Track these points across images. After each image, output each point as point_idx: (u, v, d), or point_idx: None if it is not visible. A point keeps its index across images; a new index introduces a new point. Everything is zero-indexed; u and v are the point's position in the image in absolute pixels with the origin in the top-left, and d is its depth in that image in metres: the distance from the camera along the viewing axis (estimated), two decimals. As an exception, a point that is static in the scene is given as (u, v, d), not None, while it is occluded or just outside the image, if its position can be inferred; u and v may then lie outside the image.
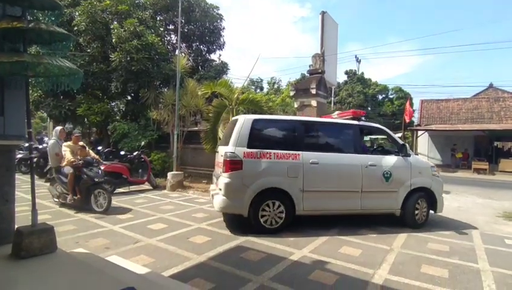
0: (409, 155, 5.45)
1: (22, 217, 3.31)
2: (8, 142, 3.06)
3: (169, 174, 9.04)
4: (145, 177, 8.97)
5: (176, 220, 5.63)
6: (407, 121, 20.01)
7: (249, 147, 4.76)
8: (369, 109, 34.74)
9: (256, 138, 4.87)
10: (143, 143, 10.48)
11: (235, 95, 8.37)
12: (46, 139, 16.90)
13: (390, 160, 5.33)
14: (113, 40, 11.00)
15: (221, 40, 14.45)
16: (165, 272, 3.35)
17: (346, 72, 36.39)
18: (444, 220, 6.11)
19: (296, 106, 8.58)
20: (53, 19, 3.25)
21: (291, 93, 8.85)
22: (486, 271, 3.67)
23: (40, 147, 11.41)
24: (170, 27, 13.90)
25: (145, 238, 4.55)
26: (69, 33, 2.93)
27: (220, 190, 4.78)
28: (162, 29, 13.34)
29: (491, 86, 25.57)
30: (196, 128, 12.24)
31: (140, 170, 9.11)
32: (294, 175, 4.83)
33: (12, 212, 3.14)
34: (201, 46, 14.22)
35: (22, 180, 8.70)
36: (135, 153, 9.23)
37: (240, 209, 4.74)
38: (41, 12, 3.09)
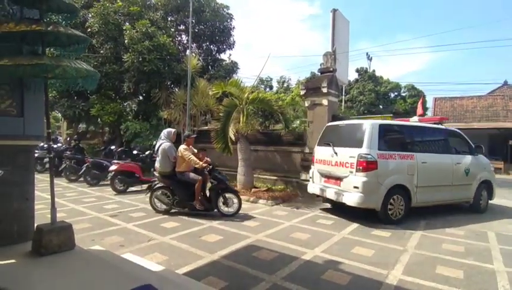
0: (478, 154, 6.64)
1: (39, 215, 3.40)
2: (28, 142, 3.15)
3: (180, 173, 9.11)
4: (157, 176, 9.07)
5: (188, 219, 5.69)
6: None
7: (378, 149, 5.45)
8: (381, 107, 34.24)
9: (382, 141, 5.57)
10: (155, 142, 10.60)
11: (246, 95, 8.37)
12: (60, 138, 17.33)
13: (468, 158, 6.43)
14: (126, 41, 11.17)
15: (231, 39, 14.49)
16: (178, 269, 3.39)
17: (357, 70, 35.89)
18: (461, 218, 5.99)
19: (306, 104, 8.52)
20: (68, 21, 3.35)
21: (302, 92, 8.79)
22: (501, 272, 3.60)
23: (55, 146, 11.68)
24: (181, 27, 14.01)
25: (159, 237, 4.62)
26: (85, 35, 2.99)
27: (355, 187, 5.40)
28: (173, 29, 13.46)
29: (505, 83, 24.84)
30: (206, 127, 12.33)
31: (152, 169, 9.22)
32: (411, 173, 5.67)
33: (32, 210, 3.23)
34: (211, 46, 14.28)
35: (37, 179, 8.94)
36: (147, 152, 9.35)
37: (375, 204, 5.40)
38: (56, 15, 3.18)
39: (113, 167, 8.29)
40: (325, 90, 7.88)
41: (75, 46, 3.16)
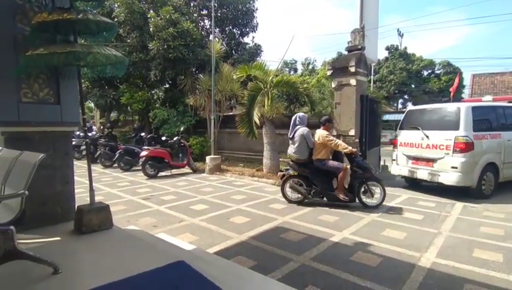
0: None
1: (78, 198, 3.63)
2: (65, 128, 3.34)
3: (207, 158, 9.33)
4: (185, 161, 9.35)
5: (216, 202, 5.83)
6: (451, 97, 18.43)
7: (473, 130, 5.84)
8: (413, 86, 32.50)
9: (475, 123, 5.94)
10: (182, 128, 10.87)
11: (270, 78, 8.25)
12: (94, 127, 18.24)
13: None
14: (151, 29, 11.33)
15: (254, 21, 14.20)
16: (209, 249, 3.52)
17: (387, 48, 34.05)
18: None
19: (333, 85, 8.25)
20: (94, 10, 3.43)
21: (328, 73, 8.49)
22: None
23: (89, 134, 12.33)
24: (203, 12, 13.93)
25: (189, 218, 4.80)
26: (112, 22, 3.05)
27: (453, 168, 5.84)
28: (195, 15, 13.43)
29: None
30: (232, 112, 12.38)
31: (180, 155, 9.50)
32: (499, 151, 6.17)
33: (72, 192, 3.46)
34: (234, 30, 14.11)
35: (75, 166, 9.53)
36: (175, 138, 9.61)
37: (471, 182, 5.84)
38: (84, 2, 3.26)
39: (143, 153, 8.63)
40: (353, 69, 7.56)
41: (104, 34, 3.25)
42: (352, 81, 7.67)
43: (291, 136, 5.65)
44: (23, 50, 2.81)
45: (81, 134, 12.00)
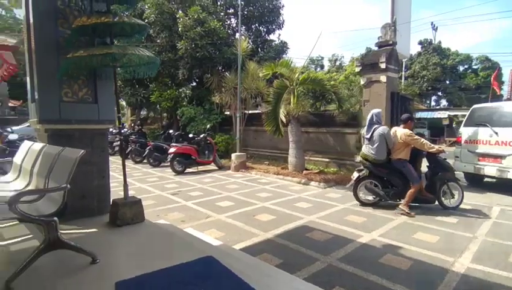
0: None
1: (112, 192, 3.82)
2: (102, 126, 3.53)
3: (233, 156, 9.44)
4: (211, 158, 9.53)
5: (242, 199, 5.90)
6: (491, 93, 17.21)
7: None
8: (448, 82, 30.81)
9: None
10: (208, 126, 11.08)
11: (296, 75, 8.18)
12: (125, 124, 19.05)
13: None
14: (179, 29, 11.61)
15: (281, 18, 14.10)
16: (235, 245, 3.57)
17: (420, 42, 32.48)
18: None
19: (362, 82, 8.02)
20: (127, 12, 3.58)
21: (357, 69, 8.26)
22: None
23: (122, 132, 12.88)
24: (230, 11, 14.05)
25: (215, 214, 4.89)
26: (145, 23, 3.17)
27: None
28: (222, 14, 13.58)
29: None
30: (257, 110, 12.42)
31: (206, 152, 9.69)
32: None
33: (108, 187, 3.65)
34: (260, 27, 14.10)
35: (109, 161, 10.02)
36: (202, 136, 9.82)
37: None
38: (119, 6, 3.42)
39: (172, 150, 8.90)
40: (383, 65, 7.31)
41: (136, 35, 3.39)
42: (383, 78, 7.42)
43: (368, 136, 5.30)
44: (64, 53, 3.01)
45: (114, 131, 12.57)
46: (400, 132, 5.12)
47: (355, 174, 5.47)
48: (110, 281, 2.04)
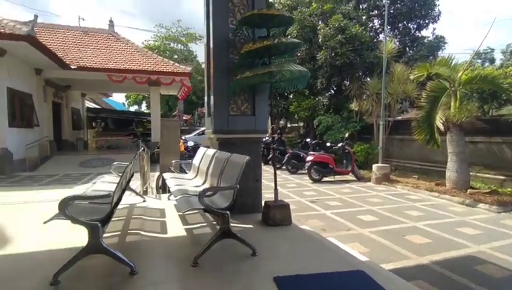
0: None
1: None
2: (258, 135, 4.03)
3: (374, 167, 8.79)
4: (350, 168, 9.19)
5: (386, 215, 5.41)
6: None
7: None
8: None
9: None
10: (346, 135, 10.77)
11: (459, 74, 6.85)
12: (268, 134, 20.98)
13: None
14: (319, 40, 11.91)
15: (436, 10, 12.24)
16: (382, 264, 3.30)
17: None
18: None
19: None
20: (281, 32, 3.94)
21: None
22: None
23: (263, 140, 14.28)
24: (373, 12, 13.32)
25: (357, 227, 4.68)
26: (298, 40, 3.43)
27: None
28: (364, 17, 13.03)
29: None
30: (404, 117, 11.15)
31: (344, 161, 9.44)
32: None
33: (260, 189, 4.12)
34: (409, 24, 12.68)
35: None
36: (339, 145, 9.64)
37: None
38: (276, 29, 3.82)
39: (309, 158, 9.13)
40: None
41: (288, 52, 3.70)
42: None
43: None
44: (232, 75, 3.62)
45: (263, 139, 14.08)
46: None
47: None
48: (268, 275, 2.27)
